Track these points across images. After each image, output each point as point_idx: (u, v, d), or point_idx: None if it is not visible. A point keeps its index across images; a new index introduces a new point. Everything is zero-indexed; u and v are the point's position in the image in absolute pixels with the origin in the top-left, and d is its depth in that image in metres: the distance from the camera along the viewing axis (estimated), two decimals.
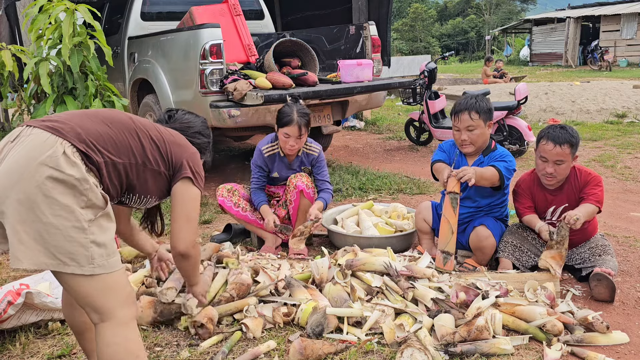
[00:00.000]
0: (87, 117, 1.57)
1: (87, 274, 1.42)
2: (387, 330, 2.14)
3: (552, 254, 2.56)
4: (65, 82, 3.56)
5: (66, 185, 1.39)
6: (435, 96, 6.19)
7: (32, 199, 1.36)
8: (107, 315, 1.48)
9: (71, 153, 1.43)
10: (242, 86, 4.16)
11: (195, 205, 1.77)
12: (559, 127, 2.67)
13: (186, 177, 1.71)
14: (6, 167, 1.41)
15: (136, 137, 1.62)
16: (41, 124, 1.49)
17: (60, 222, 1.37)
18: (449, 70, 24.27)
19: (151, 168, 1.65)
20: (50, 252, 1.38)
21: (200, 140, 1.96)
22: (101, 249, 1.44)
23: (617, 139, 6.62)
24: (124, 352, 1.49)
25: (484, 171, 2.68)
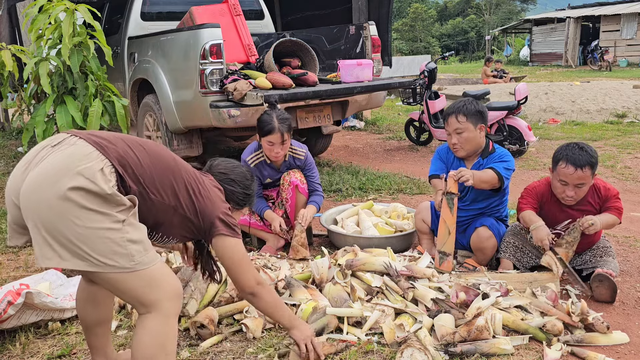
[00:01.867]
0: (133, 145, 1.59)
1: (129, 271, 1.47)
2: (387, 330, 2.14)
3: (560, 251, 2.55)
4: (65, 82, 3.56)
5: (97, 196, 1.43)
6: (435, 96, 6.19)
7: (65, 206, 1.39)
8: (153, 307, 1.54)
9: (108, 172, 1.46)
10: (242, 86, 4.16)
11: (239, 251, 1.79)
12: (577, 147, 2.51)
13: (221, 234, 1.74)
14: (42, 169, 1.45)
15: (173, 179, 1.63)
16: (88, 136, 1.52)
17: (94, 225, 1.41)
18: (449, 70, 24.27)
19: (181, 213, 1.66)
20: (85, 256, 1.42)
21: (234, 188, 1.93)
22: (138, 245, 1.48)
23: (617, 139, 6.62)
24: (159, 346, 1.55)
25: (482, 174, 2.67)
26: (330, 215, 3.48)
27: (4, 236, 3.54)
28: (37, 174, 1.45)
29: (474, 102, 2.83)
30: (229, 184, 1.92)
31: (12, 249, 3.34)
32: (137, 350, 1.56)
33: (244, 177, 1.98)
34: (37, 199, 1.42)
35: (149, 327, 1.54)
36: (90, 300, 1.79)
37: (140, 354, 1.56)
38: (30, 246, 3.36)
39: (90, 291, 1.80)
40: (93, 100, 3.55)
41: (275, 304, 1.92)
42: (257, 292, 1.83)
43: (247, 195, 1.98)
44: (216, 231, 1.72)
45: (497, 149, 2.87)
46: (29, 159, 1.52)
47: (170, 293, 1.56)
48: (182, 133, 4.79)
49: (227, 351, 2.12)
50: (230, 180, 1.94)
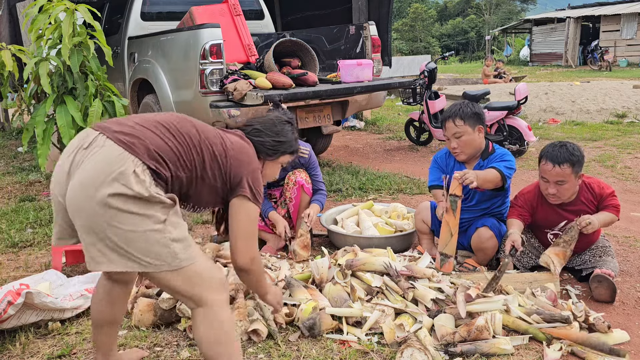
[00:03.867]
0: (157, 128, 1.60)
1: (175, 269, 1.51)
2: (387, 330, 2.14)
3: (557, 251, 2.54)
4: (65, 82, 3.56)
5: (135, 199, 1.46)
6: (435, 96, 6.19)
7: (108, 212, 1.44)
8: (200, 302, 1.58)
9: (141, 172, 1.49)
10: (242, 86, 4.16)
11: (253, 221, 1.76)
12: (558, 145, 2.57)
13: (243, 194, 1.71)
14: (81, 177, 1.49)
15: (199, 151, 1.64)
16: (114, 135, 1.53)
17: (138, 228, 1.46)
18: (449, 70, 24.27)
19: (208, 182, 1.67)
20: (132, 258, 1.47)
21: (262, 138, 1.88)
22: (180, 243, 1.52)
23: (617, 139, 6.62)
24: (221, 334, 1.60)
25: (486, 174, 2.66)
26: (330, 215, 3.48)
27: (3, 236, 3.54)
28: (77, 183, 1.49)
29: (470, 104, 2.82)
30: (255, 135, 1.87)
31: (12, 249, 3.34)
32: (200, 343, 1.62)
33: (271, 124, 1.91)
34: (81, 208, 1.47)
35: (202, 321, 1.59)
36: (107, 298, 1.81)
37: (206, 345, 1.61)
38: (30, 246, 3.37)
39: (108, 289, 1.81)
40: (93, 100, 3.55)
41: (260, 279, 1.92)
42: (249, 269, 1.80)
43: (278, 142, 1.89)
44: (240, 191, 1.71)
45: (497, 149, 2.87)
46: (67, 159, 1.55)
47: (213, 286, 1.59)
48: None
49: None
50: (256, 131, 1.88)
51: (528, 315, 2.23)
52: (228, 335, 1.62)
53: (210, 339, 1.60)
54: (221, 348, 1.61)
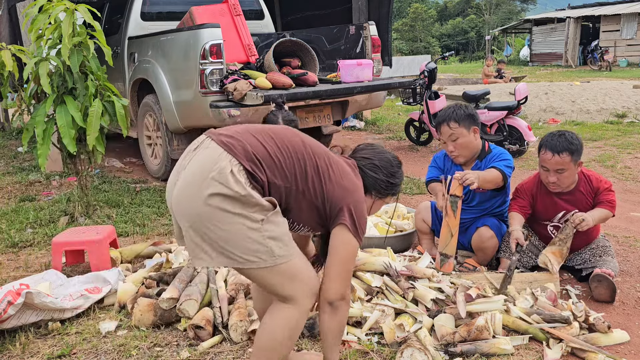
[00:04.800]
0: (259, 134, 1.62)
1: (270, 266, 1.54)
2: (387, 330, 2.14)
3: (553, 249, 2.56)
4: (65, 82, 3.55)
5: (233, 199, 1.50)
6: (435, 96, 6.19)
7: (208, 211, 1.50)
8: (292, 301, 1.60)
9: (237, 171, 1.52)
10: (242, 86, 4.16)
11: (351, 256, 1.66)
12: (557, 134, 2.60)
13: (343, 224, 1.63)
14: (185, 179, 1.57)
15: (302, 163, 1.62)
16: (218, 137, 1.59)
17: (235, 227, 1.50)
18: (449, 70, 24.27)
19: (309, 198, 1.63)
20: (230, 255, 1.52)
21: (377, 175, 1.81)
22: (278, 241, 1.55)
23: (617, 139, 6.62)
24: (287, 335, 1.61)
25: (486, 174, 2.67)
26: None
27: (3, 236, 3.54)
28: (182, 182, 1.57)
29: (463, 106, 2.82)
30: (371, 170, 1.81)
31: (12, 249, 3.34)
32: (268, 333, 1.62)
33: (388, 164, 1.85)
34: (185, 206, 1.54)
35: (285, 317, 1.60)
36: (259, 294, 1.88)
37: (267, 338, 1.62)
38: (30, 246, 3.37)
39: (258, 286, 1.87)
40: (93, 100, 3.54)
41: (341, 329, 1.74)
42: (337, 306, 1.66)
43: (390, 184, 1.84)
44: (340, 220, 1.63)
45: (494, 149, 2.86)
46: (179, 163, 1.65)
47: (310, 290, 1.61)
48: (182, 133, 4.79)
49: (227, 351, 2.12)
50: (373, 166, 1.82)
51: (528, 315, 2.23)
52: (291, 340, 1.63)
53: (276, 334, 1.61)
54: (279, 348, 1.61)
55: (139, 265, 2.97)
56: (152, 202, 4.31)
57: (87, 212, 3.91)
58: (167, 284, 2.51)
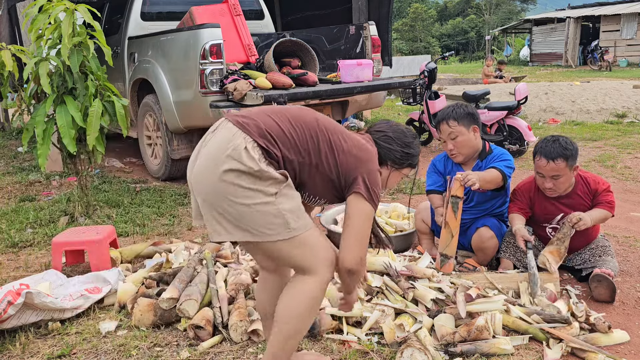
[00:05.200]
0: (274, 114, 1.69)
1: (287, 238, 1.58)
2: (387, 330, 2.14)
3: (551, 249, 2.56)
4: (65, 82, 3.55)
5: (247, 174, 1.56)
6: (435, 96, 6.19)
7: (223, 187, 1.56)
8: (311, 271, 1.64)
9: (251, 148, 1.58)
10: (242, 86, 4.16)
11: (366, 222, 1.70)
12: (552, 140, 2.59)
13: (358, 192, 1.68)
14: (203, 157, 1.64)
15: (315, 139, 1.67)
16: (234, 118, 1.66)
17: (250, 201, 1.55)
18: (449, 70, 24.27)
19: (322, 171, 1.68)
20: (247, 229, 1.57)
21: (391, 146, 1.86)
22: (292, 214, 1.59)
23: (617, 139, 6.62)
24: (308, 307, 1.65)
25: (486, 174, 2.66)
26: (330, 215, 3.49)
27: (3, 236, 3.54)
28: (201, 160, 1.64)
29: (462, 105, 2.81)
30: (385, 142, 1.87)
31: (12, 249, 3.34)
32: (288, 305, 1.65)
33: (402, 134, 1.91)
34: (203, 183, 1.61)
35: (305, 288, 1.64)
36: (263, 289, 1.90)
37: (289, 310, 1.65)
38: (30, 246, 3.37)
39: (264, 279, 1.91)
40: (93, 100, 3.54)
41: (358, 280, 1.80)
42: (357, 270, 1.70)
43: (405, 153, 1.88)
44: (355, 188, 1.68)
45: (494, 149, 2.86)
46: (199, 144, 1.71)
47: (327, 260, 1.65)
48: (182, 133, 4.79)
49: (227, 351, 2.12)
50: (387, 137, 1.88)
51: (528, 315, 2.24)
52: (312, 312, 1.67)
53: (297, 306, 1.64)
54: (300, 320, 1.65)
55: (139, 265, 2.97)
56: (152, 202, 4.31)
57: (87, 212, 3.91)
58: (167, 284, 2.51)
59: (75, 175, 3.93)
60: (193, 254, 2.84)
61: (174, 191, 4.64)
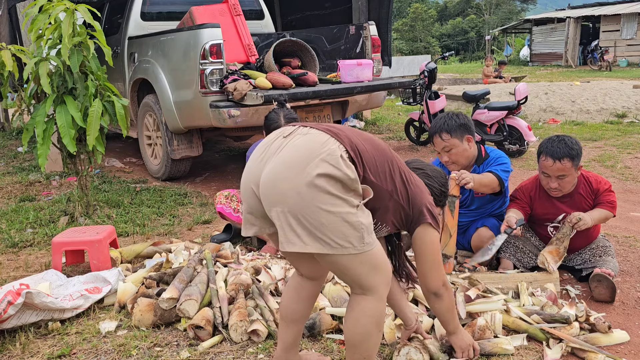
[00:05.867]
0: (356, 133, 1.67)
1: (359, 252, 1.54)
2: (387, 331, 2.14)
3: (550, 249, 2.57)
4: (65, 82, 3.55)
5: (339, 181, 1.51)
6: (435, 96, 6.19)
7: (312, 192, 1.48)
8: (371, 290, 1.61)
9: (346, 157, 1.55)
10: (242, 86, 4.16)
11: (438, 248, 1.82)
12: (557, 140, 2.59)
13: (427, 222, 1.75)
14: (285, 158, 1.54)
15: (390, 166, 1.68)
16: (318, 126, 1.63)
17: (337, 209, 1.50)
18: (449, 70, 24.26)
19: (396, 199, 1.70)
20: (326, 240, 1.50)
21: (432, 183, 1.96)
22: (367, 229, 1.56)
23: (617, 139, 6.62)
24: (374, 325, 1.64)
25: (483, 178, 2.66)
26: None
27: (3, 236, 3.54)
28: (279, 163, 1.54)
29: (454, 116, 2.77)
30: (426, 178, 1.94)
31: (12, 249, 3.34)
32: (354, 328, 1.64)
33: (439, 174, 2.01)
34: (283, 187, 1.50)
35: (366, 308, 1.62)
36: (295, 294, 1.85)
37: (358, 333, 1.64)
38: (30, 246, 3.37)
39: (298, 285, 1.85)
40: (93, 100, 3.54)
41: (451, 308, 1.94)
42: (441, 294, 1.85)
43: (442, 192, 1.98)
44: (424, 219, 1.74)
45: (491, 153, 2.85)
46: (263, 149, 1.63)
47: (387, 279, 1.65)
48: (182, 133, 4.79)
49: (227, 351, 2.12)
50: (427, 175, 1.97)
51: (528, 315, 2.23)
52: (379, 328, 1.66)
53: (364, 327, 1.63)
54: (370, 338, 1.65)
55: (139, 265, 2.97)
56: (152, 202, 4.31)
57: (87, 212, 3.91)
58: (167, 284, 2.51)
59: (75, 175, 3.93)
60: (193, 254, 2.84)
61: (174, 191, 4.64)
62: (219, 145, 7.11)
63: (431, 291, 1.84)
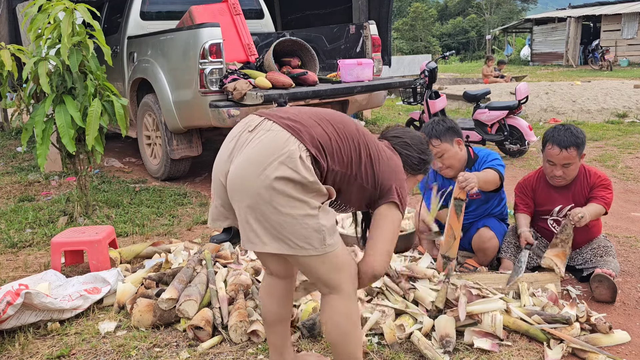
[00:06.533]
0: (319, 119, 1.64)
1: (321, 254, 1.55)
2: (388, 331, 2.13)
3: (557, 252, 2.57)
4: (64, 82, 3.54)
5: (298, 183, 1.50)
6: (435, 96, 6.18)
7: (270, 194, 1.48)
8: (336, 289, 1.63)
9: (305, 157, 1.53)
10: (242, 86, 4.15)
11: (397, 229, 1.76)
12: (563, 129, 2.64)
13: (393, 202, 1.71)
14: (247, 157, 1.53)
15: (357, 149, 1.65)
16: (281, 120, 1.59)
17: (296, 212, 1.49)
18: (450, 69, 24.24)
19: (360, 182, 1.67)
20: (285, 241, 1.51)
21: (409, 152, 1.88)
22: (329, 230, 1.56)
23: (618, 139, 6.61)
24: (347, 321, 1.65)
25: (484, 175, 2.65)
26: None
27: (2, 236, 3.53)
28: (243, 161, 1.54)
29: (441, 121, 2.76)
30: (403, 147, 1.88)
31: (11, 250, 3.34)
32: (332, 329, 1.66)
33: (418, 141, 1.93)
34: (244, 187, 1.51)
35: (337, 307, 1.64)
36: (268, 293, 1.85)
37: (335, 332, 1.66)
38: (29, 246, 3.36)
39: (269, 284, 1.85)
40: (92, 100, 3.53)
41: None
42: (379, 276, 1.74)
43: (422, 160, 1.91)
44: (390, 197, 1.70)
45: (479, 152, 2.84)
46: (231, 142, 1.63)
47: (351, 276, 1.64)
48: (182, 133, 4.78)
49: (226, 352, 2.11)
50: (405, 144, 1.89)
51: (529, 316, 2.23)
52: (355, 325, 1.67)
53: (339, 326, 1.64)
54: (348, 336, 1.66)
55: (138, 266, 2.97)
56: (152, 202, 4.30)
57: (86, 212, 3.90)
58: (166, 284, 2.51)
59: (75, 175, 3.92)
60: (192, 254, 2.83)
61: (173, 191, 4.64)
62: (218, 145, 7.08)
63: (374, 273, 1.68)
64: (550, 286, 2.46)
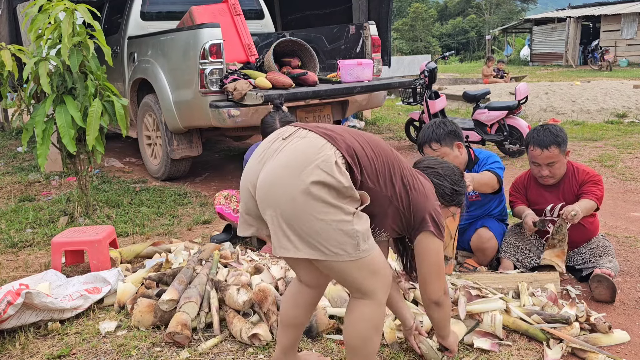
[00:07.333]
0: (357, 136, 1.64)
1: (355, 259, 1.53)
2: (388, 331, 2.13)
3: (556, 252, 2.59)
4: (64, 82, 3.55)
5: (333, 188, 1.49)
6: (435, 96, 6.18)
7: (305, 199, 1.47)
8: (369, 295, 1.60)
9: (341, 163, 1.52)
10: (242, 86, 4.16)
11: (440, 256, 1.78)
12: (542, 129, 2.68)
13: (429, 230, 1.72)
14: (281, 162, 1.52)
15: (392, 171, 1.65)
16: (316, 129, 1.60)
17: (330, 218, 1.48)
18: (449, 70, 24.25)
19: (395, 205, 1.67)
20: (319, 247, 1.49)
21: (442, 183, 1.89)
22: (363, 235, 1.54)
23: (618, 139, 6.62)
24: (373, 329, 1.64)
25: (481, 177, 2.65)
26: None
27: (3, 236, 3.53)
28: (276, 167, 1.52)
29: (441, 124, 2.73)
30: (436, 178, 1.89)
31: (11, 250, 3.34)
32: (353, 332, 1.65)
33: (452, 172, 1.94)
34: (278, 191, 1.49)
35: (365, 312, 1.62)
36: (293, 300, 1.83)
37: (356, 337, 1.64)
38: (30, 246, 3.36)
39: (296, 292, 1.83)
40: (92, 100, 3.54)
41: (448, 316, 1.93)
42: (442, 302, 1.84)
43: (455, 191, 1.91)
44: (425, 227, 1.71)
45: (480, 154, 2.84)
46: (262, 150, 1.61)
47: (388, 285, 1.63)
48: (182, 133, 4.79)
49: (227, 351, 2.11)
50: (438, 174, 1.91)
51: (528, 316, 2.23)
52: (378, 332, 1.65)
53: (362, 332, 1.63)
54: (367, 341, 1.65)
55: (139, 266, 2.97)
56: (152, 202, 4.31)
57: (86, 212, 3.90)
58: (166, 284, 2.51)
59: (75, 175, 3.92)
60: (192, 254, 2.83)
61: (173, 191, 4.64)
62: (218, 145, 7.10)
63: (432, 300, 1.82)
64: (550, 286, 2.46)
